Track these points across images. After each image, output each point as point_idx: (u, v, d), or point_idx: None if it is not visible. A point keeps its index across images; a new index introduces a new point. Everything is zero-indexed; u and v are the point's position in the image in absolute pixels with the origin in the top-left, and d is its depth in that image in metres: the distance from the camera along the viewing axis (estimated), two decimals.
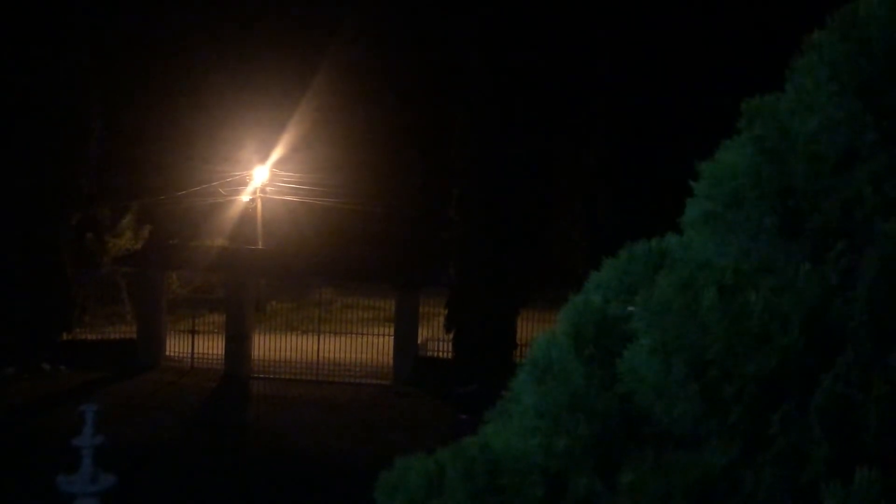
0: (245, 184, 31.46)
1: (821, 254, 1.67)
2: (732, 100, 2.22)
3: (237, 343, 21.59)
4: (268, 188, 31.78)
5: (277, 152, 31.21)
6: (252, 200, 31.63)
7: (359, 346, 22.90)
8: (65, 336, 21.61)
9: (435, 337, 22.03)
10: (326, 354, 22.34)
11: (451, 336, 20.48)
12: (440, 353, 21.48)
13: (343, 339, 22.97)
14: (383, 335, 22.67)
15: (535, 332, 17.52)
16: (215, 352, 22.50)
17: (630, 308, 1.84)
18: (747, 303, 1.69)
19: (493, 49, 19.70)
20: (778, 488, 1.57)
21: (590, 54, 20.34)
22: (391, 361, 21.66)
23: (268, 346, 22.69)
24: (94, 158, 21.71)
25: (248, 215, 31.48)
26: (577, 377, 1.91)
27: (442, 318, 21.45)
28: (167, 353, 22.92)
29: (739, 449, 1.64)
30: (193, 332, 22.99)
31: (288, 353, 22.63)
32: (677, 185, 2.15)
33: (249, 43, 29.74)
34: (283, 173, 31.46)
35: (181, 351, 23.01)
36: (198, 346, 22.84)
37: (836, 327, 1.60)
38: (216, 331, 23.36)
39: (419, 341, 22.13)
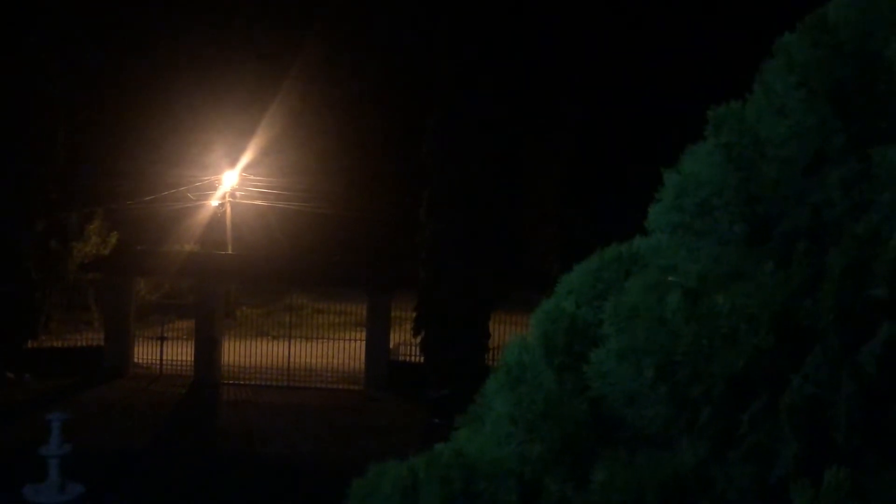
0: (214, 188, 31.21)
1: (789, 257, 1.69)
2: (701, 102, 2.23)
3: (207, 349, 21.39)
4: (237, 192, 31.56)
5: (247, 157, 31.01)
6: (221, 205, 31.39)
7: (330, 350, 22.79)
8: (30, 344, 21.25)
9: (407, 341, 21.98)
10: (298, 360, 22.21)
11: (419, 340, 20.47)
12: (413, 358, 21.43)
13: (314, 344, 22.84)
14: (355, 340, 22.59)
15: (509, 335, 17.55)
16: (185, 358, 22.27)
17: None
18: (714, 304, 1.71)
19: (463, 53, 19.73)
20: (748, 486, 1.59)
21: (560, 57, 20.46)
22: (363, 366, 21.59)
23: (238, 352, 22.51)
24: (59, 163, 21.39)
25: (217, 220, 31.24)
26: (550, 384, 1.92)
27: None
28: (136, 359, 22.65)
29: (709, 448, 1.66)
30: (162, 339, 22.75)
31: (259, 359, 22.47)
32: (649, 187, 2.16)
33: (218, 46, 29.54)
34: (252, 178, 31.26)
35: (150, 358, 22.75)
36: (167, 352, 22.59)
37: (805, 327, 1.62)
38: (185, 337, 23.12)
39: (391, 346, 22.08)
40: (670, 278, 1.82)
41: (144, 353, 22.86)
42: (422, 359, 20.63)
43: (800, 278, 1.64)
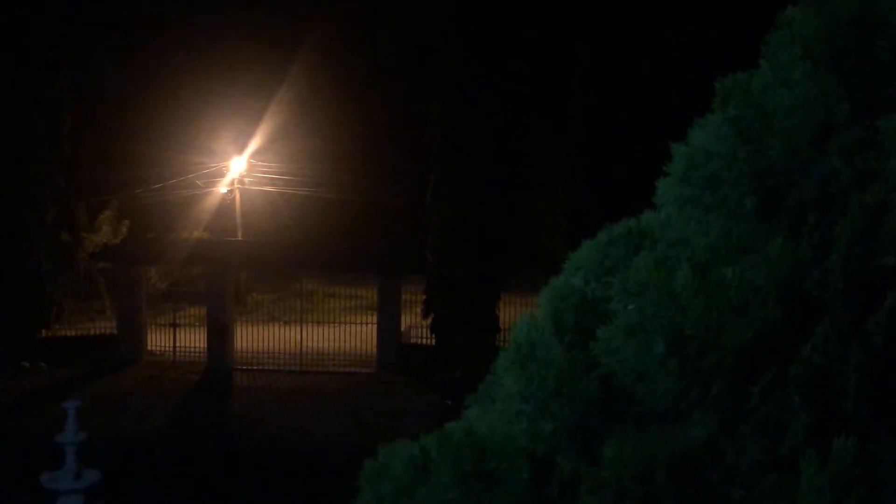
0: (223, 175, 31.27)
1: (798, 229, 1.69)
2: (707, 78, 2.22)
3: (219, 335, 21.50)
4: (246, 179, 31.60)
5: (255, 143, 31.04)
6: (230, 191, 31.45)
7: (342, 334, 22.88)
8: (43, 333, 21.40)
9: (418, 324, 22.04)
10: (309, 344, 22.31)
11: (428, 322, 20.52)
12: (424, 340, 21.49)
13: (326, 328, 22.93)
14: (366, 323, 22.65)
15: (518, 315, 17.59)
16: (197, 345, 22.40)
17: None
18: (723, 277, 1.71)
19: (467, 33, 19.63)
20: (759, 459, 1.60)
21: (564, 37, 20.34)
22: (374, 349, 21.66)
23: (250, 338, 22.62)
24: (67, 154, 21.44)
25: (226, 207, 31.31)
26: (560, 362, 1.92)
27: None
28: (149, 347, 22.79)
29: (720, 421, 1.66)
30: (175, 326, 22.88)
31: (271, 344, 22.58)
32: (656, 164, 2.15)
33: (224, 33, 29.50)
34: (261, 164, 31.30)
35: (163, 345, 22.89)
36: (179, 339, 22.73)
37: (813, 298, 1.62)
38: (198, 324, 23.24)
39: (402, 328, 22.13)
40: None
41: (157, 340, 23.00)
42: (432, 341, 20.68)
43: (808, 249, 1.64)
